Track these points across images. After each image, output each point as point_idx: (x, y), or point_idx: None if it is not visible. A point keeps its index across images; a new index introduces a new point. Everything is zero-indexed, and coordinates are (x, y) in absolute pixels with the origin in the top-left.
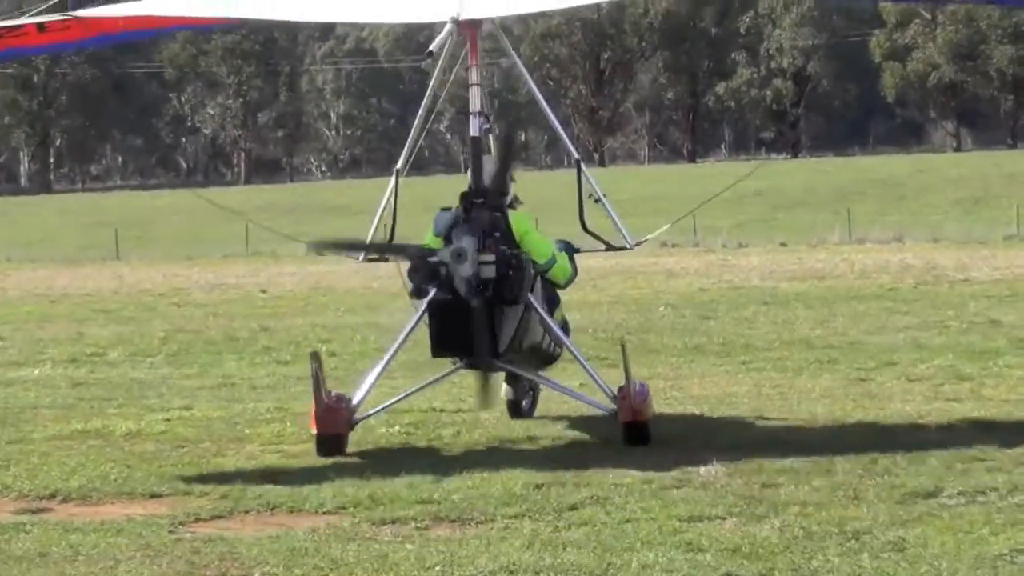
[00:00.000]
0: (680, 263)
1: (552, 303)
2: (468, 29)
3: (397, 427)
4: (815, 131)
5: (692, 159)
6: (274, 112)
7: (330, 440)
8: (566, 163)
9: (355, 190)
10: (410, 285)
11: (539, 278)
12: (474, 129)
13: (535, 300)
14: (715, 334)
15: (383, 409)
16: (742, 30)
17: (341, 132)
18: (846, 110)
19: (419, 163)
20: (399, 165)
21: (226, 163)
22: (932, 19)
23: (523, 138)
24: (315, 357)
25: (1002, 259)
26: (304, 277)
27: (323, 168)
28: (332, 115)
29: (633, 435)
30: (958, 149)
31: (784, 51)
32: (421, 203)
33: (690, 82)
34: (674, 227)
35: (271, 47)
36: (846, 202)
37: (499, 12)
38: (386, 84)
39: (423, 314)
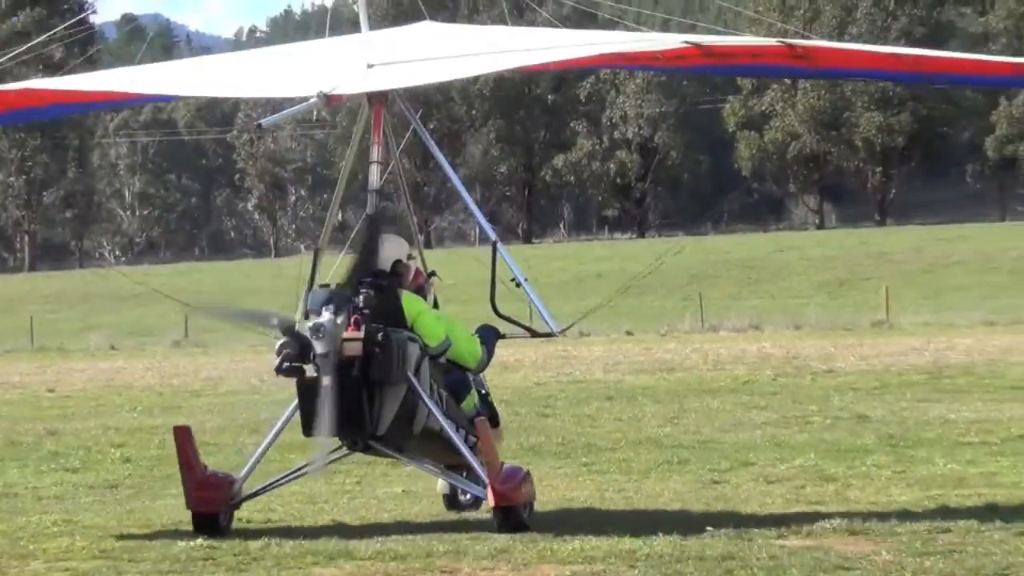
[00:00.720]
0: (516, 355)
1: (459, 388)
2: (375, 103)
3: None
4: (663, 208)
5: (528, 239)
6: (61, 190)
7: (206, 519)
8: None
9: (152, 277)
10: (274, 361)
11: (433, 361)
12: (370, 207)
13: (420, 382)
14: (554, 433)
15: (268, 488)
16: (582, 97)
17: (137, 212)
18: (697, 184)
19: (223, 246)
20: (320, 243)
21: (8, 247)
22: (792, 84)
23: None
24: (181, 431)
25: (870, 347)
26: (96, 374)
27: (116, 252)
28: (126, 193)
29: (502, 520)
30: (821, 226)
31: (628, 120)
32: (230, 290)
33: (525, 154)
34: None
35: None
36: (698, 286)
37: (404, 84)
38: (187, 158)
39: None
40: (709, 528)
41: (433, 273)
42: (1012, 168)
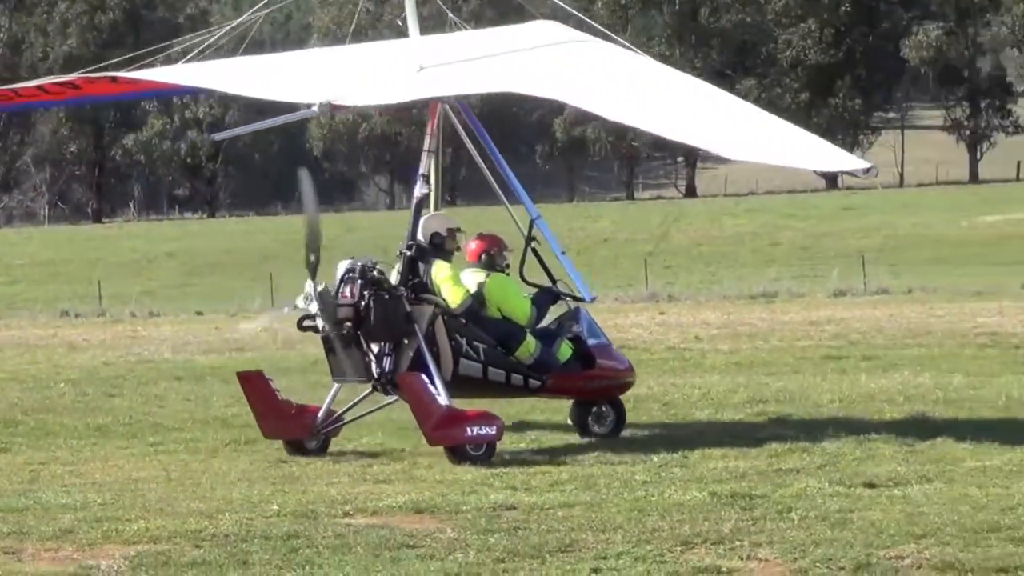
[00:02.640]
0: (84, 335)
1: (508, 340)
2: (432, 104)
3: None
4: (234, 187)
5: (98, 219)
6: None
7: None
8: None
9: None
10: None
11: (471, 318)
12: (418, 190)
13: (437, 336)
14: (121, 413)
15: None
16: None
17: None
18: (268, 165)
19: None
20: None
21: None
22: None
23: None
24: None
25: None
26: None
27: None
28: None
29: (451, 457)
30: (392, 207)
31: (200, 100)
32: None
33: (95, 133)
34: (78, 296)
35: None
36: (269, 266)
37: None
38: None
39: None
40: (275, 506)
41: (532, 238)
42: (580, 149)
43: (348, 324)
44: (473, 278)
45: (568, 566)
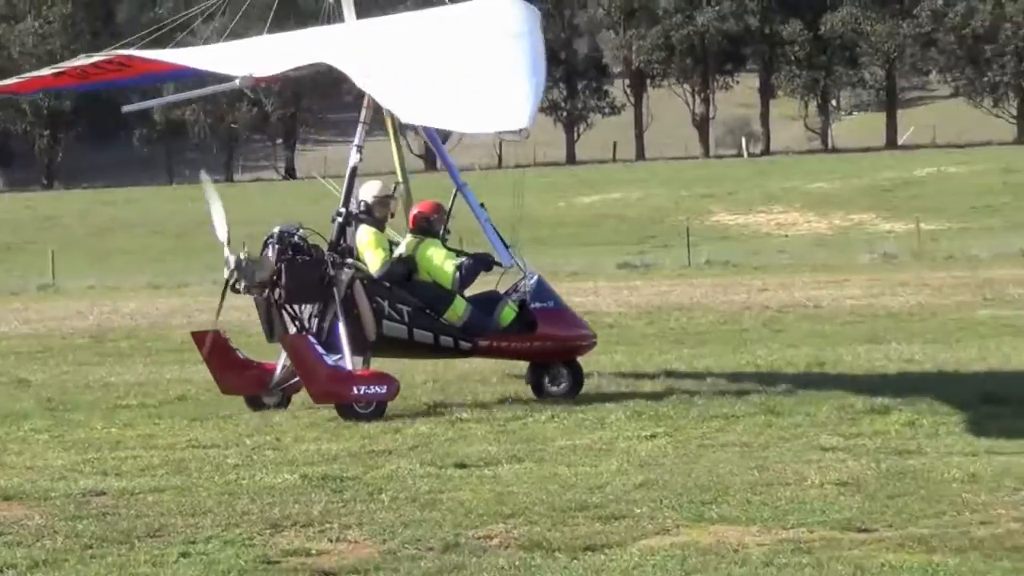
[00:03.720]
0: None
1: (437, 303)
2: None
3: None
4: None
5: None
6: None
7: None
8: None
9: None
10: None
11: (399, 281)
12: (352, 159)
13: (357, 298)
14: None
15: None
16: None
17: None
18: None
19: None
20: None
21: None
22: None
23: None
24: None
25: (35, 311)
26: None
27: None
28: None
29: (339, 413)
30: None
31: None
32: None
33: None
34: None
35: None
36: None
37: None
38: None
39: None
40: None
41: (481, 205)
42: (180, 132)
43: (265, 287)
44: (404, 243)
45: (157, 551)
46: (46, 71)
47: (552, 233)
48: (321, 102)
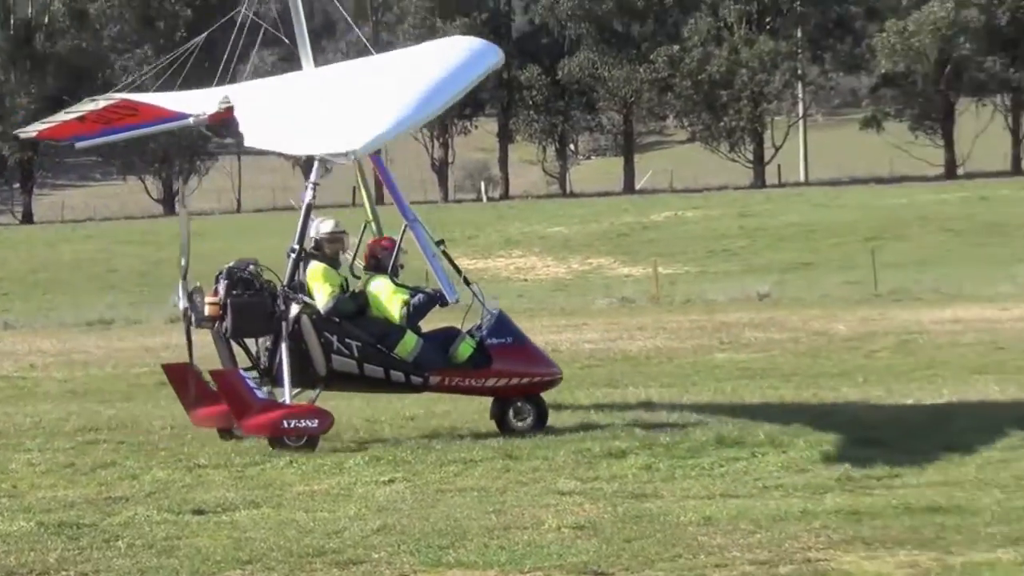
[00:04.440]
0: None
1: (387, 338)
2: None
3: None
4: None
5: None
6: None
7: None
8: None
9: None
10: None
11: (353, 317)
12: (308, 196)
13: (305, 333)
14: None
15: None
16: None
17: None
18: None
19: None
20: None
21: None
22: None
23: None
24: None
25: None
26: None
27: None
28: None
29: (270, 444)
30: None
31: None
32: None
33: None
34: None
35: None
36: None
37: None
38: None
39: None
40: None
41: (441, 242)
42: None
43: (215, 321)
44: (364, 280)
45: None
46: (70, 116)
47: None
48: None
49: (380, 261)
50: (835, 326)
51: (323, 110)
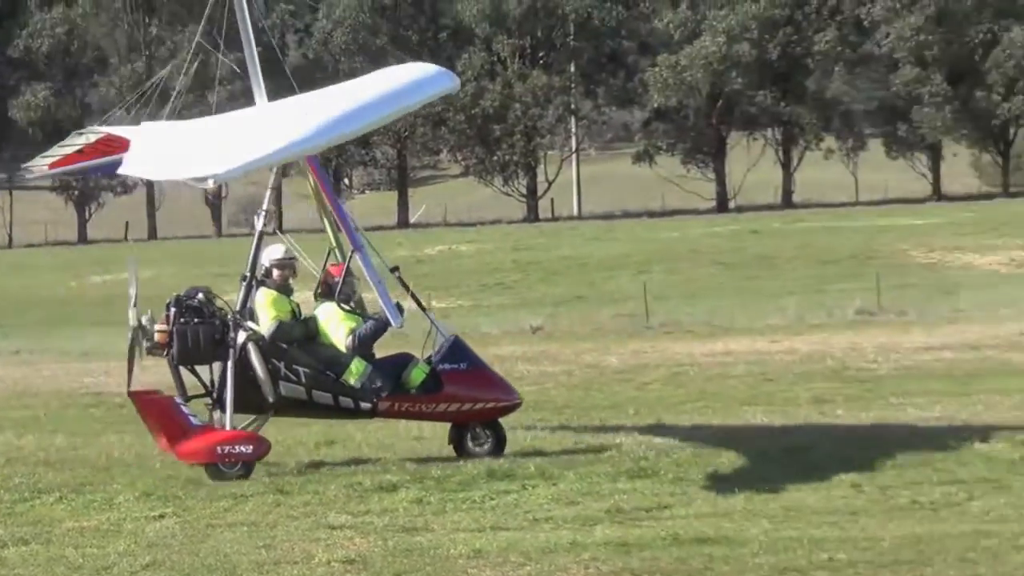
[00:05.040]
0: None
1: (334, 365)
2: None
3: None
4: None
5: None
6: None
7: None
8: None
9: None
10: None
11: (300, 343)
12: (259, 224)
13: (254, 360)
14: None
15: None
16: None
17: None
18: None
19: None
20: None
21: None
22: None
23: None
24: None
25: None
26: None
27: None
28: None
29: (206, 472)
30: None
31: None
32: None
33: None
34: None
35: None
36: None
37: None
38: None
39: None
40: None
41: (395, 269)
42: None
43: (164, 348)
44: (314, 307)
45: None
46: (68, 150)
47: (63, 313)
48: None
49: (332, 288)
50: (607, 359)
51: (215, 138)
